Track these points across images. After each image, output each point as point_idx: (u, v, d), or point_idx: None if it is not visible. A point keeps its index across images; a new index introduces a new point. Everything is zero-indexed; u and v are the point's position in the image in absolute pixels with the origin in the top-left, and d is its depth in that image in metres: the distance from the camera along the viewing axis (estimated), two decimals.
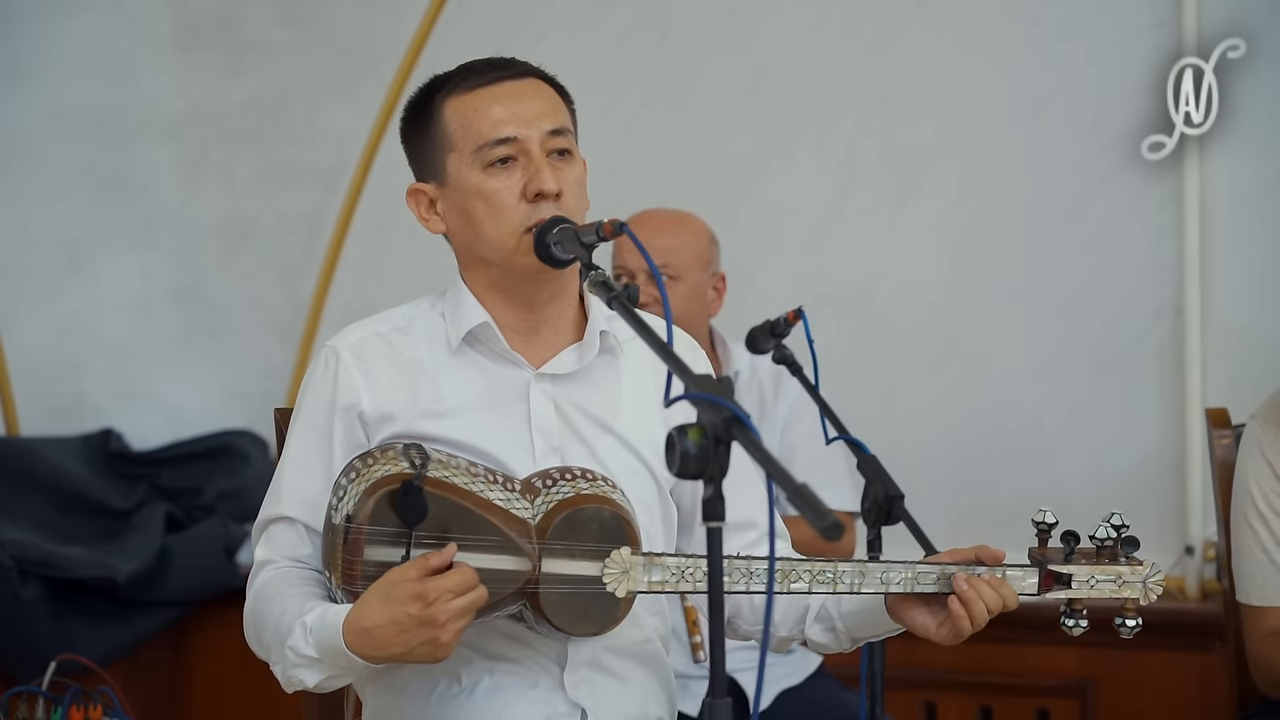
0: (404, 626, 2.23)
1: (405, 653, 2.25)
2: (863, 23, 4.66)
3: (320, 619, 2.31)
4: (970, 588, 2.39)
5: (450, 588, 2.22)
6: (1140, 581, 2.50)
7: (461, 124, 2.49)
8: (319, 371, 2.51)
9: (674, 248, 3.78)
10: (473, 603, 2.24)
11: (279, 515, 2.47)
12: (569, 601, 2.35)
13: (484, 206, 2.47)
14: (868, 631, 2.51)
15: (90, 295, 5.14)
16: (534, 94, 2.51)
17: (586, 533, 2.35)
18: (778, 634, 2.57)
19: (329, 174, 5.17)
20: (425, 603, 2.22)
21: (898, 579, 2.39)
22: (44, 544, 4.62)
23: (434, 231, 2.56)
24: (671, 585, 2.35)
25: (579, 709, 2.48)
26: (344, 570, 2.31)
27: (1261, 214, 4.32)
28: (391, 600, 2.23)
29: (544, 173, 2.45)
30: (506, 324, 2.51)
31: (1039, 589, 2.48)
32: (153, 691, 4.90)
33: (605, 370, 2.54)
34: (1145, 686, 4.26)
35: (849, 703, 3.68)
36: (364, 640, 2.26)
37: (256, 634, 2.43)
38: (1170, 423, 4.34)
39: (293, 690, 2.40)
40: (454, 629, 2.24)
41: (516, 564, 2.33)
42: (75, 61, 5.07)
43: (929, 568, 2.41)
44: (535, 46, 4.82)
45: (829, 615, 2.52)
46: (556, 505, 2.36)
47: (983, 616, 2.40)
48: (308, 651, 2.32)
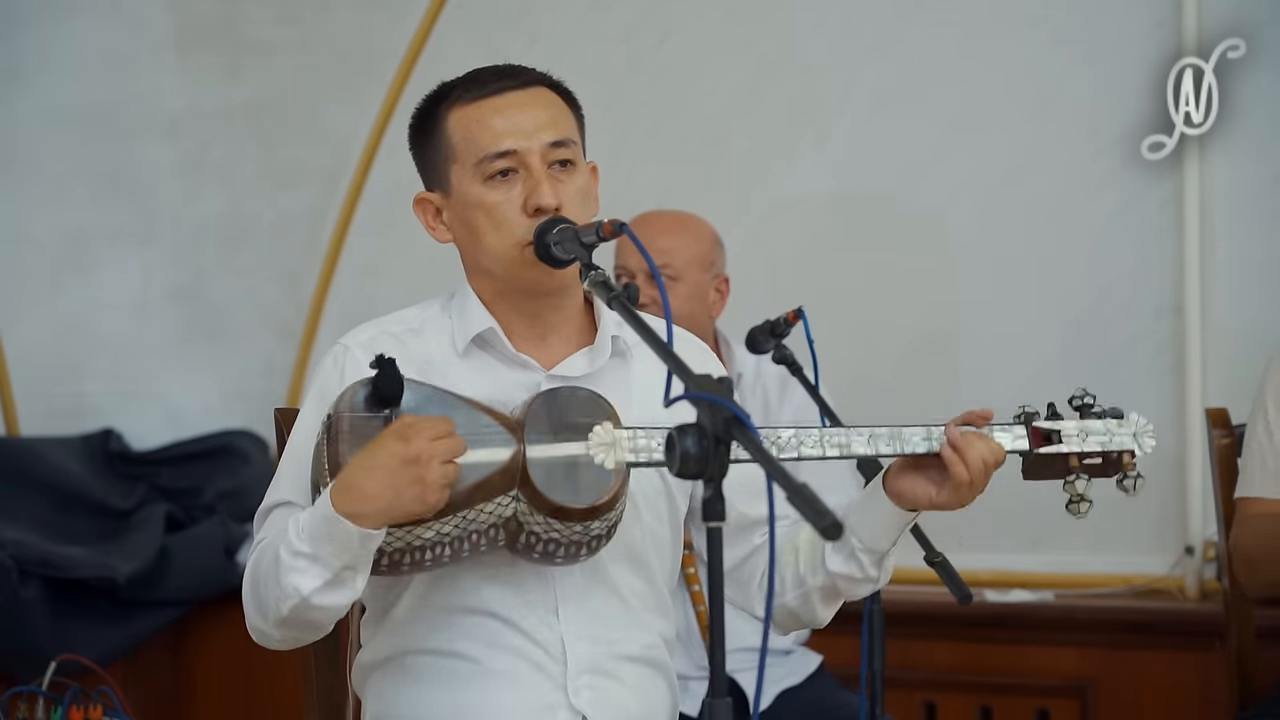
0: (389, 469, 2.23)
1: (394, 499, 2.24)
2: (862, 23, 4.66)
3: (310, 508, 2.32)
4: (961, 436, 2.38)
5: (428, 427, 2.25)
6: (1131, 433, 2.48)
7: (464, 135, 2.50)
8: (329, 366, 2.52)
9: (675, 248, 3.78)
10: (453, 445, 2.25)
11: (280, 500, 2.48)
12: (561, 474, 2.34)
13: (485, 219, 2.48)
14: (881, 534, 2.46)
15: (90, 295, 5.14)
16: (537, 104, 2.52)
17: (567, 412, 2.36)
18: (807, 586, 2.53)
19: (329, 174, 5.17)
20: (406, 441, 2.23)
21: (886, 439, 2.37)
22: (44, 544, 4.62)
23: (441, 241, 2.57)
24: (659, 452, 2.26)
25: (580, 716, 2.47)
26: (330, 464, 2.31)
27: (1261, 214, 4.32)
28: (374, 450, 2.25)
29: (543, 187, 2.46)
30: (514, 331, 2.53)
31: (1029, 446, 2.44)
32: (153, 691, 4.90)
33: (616, 374, 2.55)
34: (1145, 686, 4.26)
35: (849, 703, 3.68)
36: (352, 497, 2.25)
37: (253, 588, 2.39)
38: (1170, 423, 4.34)
39: (288, 608, 2.31)
40: (439, 469, 2.24)
41: (502, 448, 2.34)
42: (75, 62, 5.07)
43: (915, 429, 2.39)
44: (534, 46, 4.84)
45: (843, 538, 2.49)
46: (533, 397, 2.38)
47: (978, 464, 2.38)
48: (301, 547, 2.29)
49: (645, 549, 2.52)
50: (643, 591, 2.54)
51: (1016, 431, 2.45)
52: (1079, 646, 4.32)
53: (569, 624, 2.48)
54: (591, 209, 2.52)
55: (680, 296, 3.76)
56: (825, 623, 2.61)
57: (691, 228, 3.86)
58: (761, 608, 2.58)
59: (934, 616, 4.35)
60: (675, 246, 3.79)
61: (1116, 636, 4.28)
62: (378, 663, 2.54)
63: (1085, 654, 4.33)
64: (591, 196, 2.54)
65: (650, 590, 2.55)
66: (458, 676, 2.47)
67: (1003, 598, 4.39)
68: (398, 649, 2.51)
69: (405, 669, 2.50)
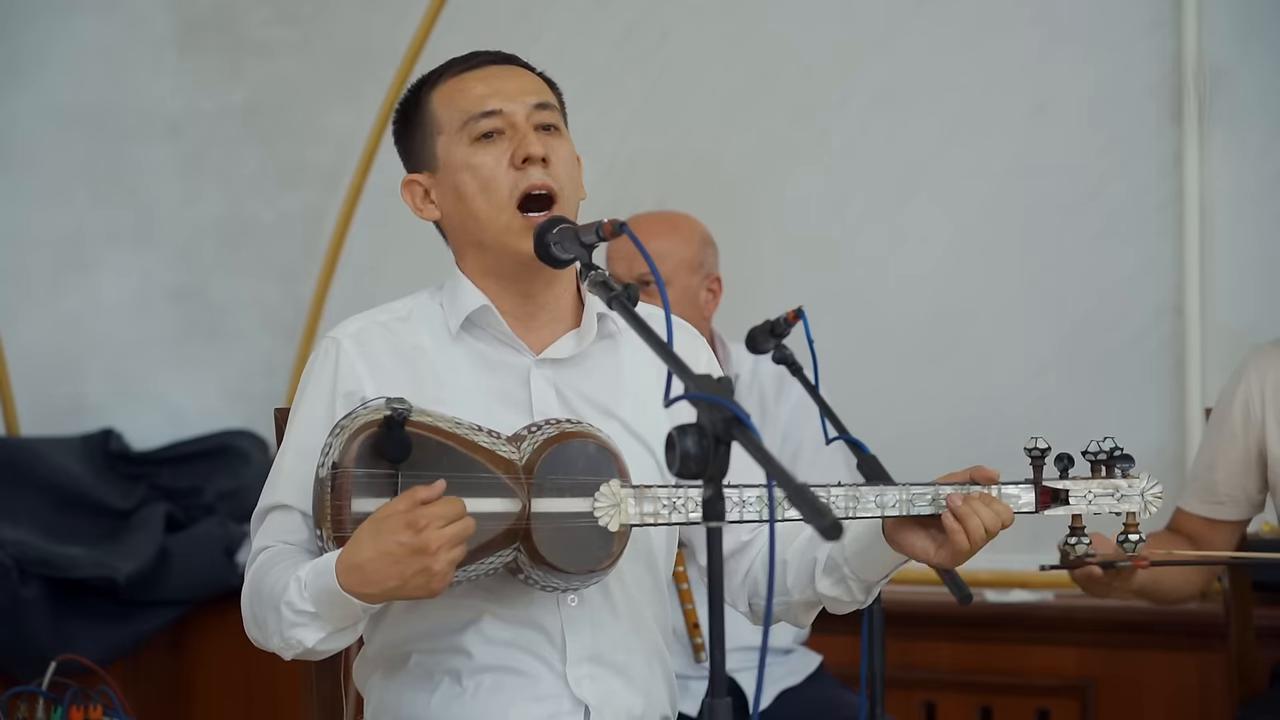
0: (396, 557, 2.23)
1: (399, 585, 2.25)
2: (863, 23, 4.66)
3: (314, 568, 2.32)
4: (965, 504, 2.38)
5: (439, 514, 2.23)
6: (1139, 494, 2.49)
7: (447, 105, 2.52)
8: (320, 360, 2.52)
9: (662, 253, 3.77)
10: (462, 530, 2.24)
11: (276, 503, 2.47)
12: (563, 537, 2.34)
13: (473, 179, 2.48)
14: (874, 569, 2.48)
15: (90, 295, 5.14)
16: (518, 75, 2.55)
17: (574, 468, 2.35)
18: (791, 599, 2.55)
19: (329, 174, 5.17)
20: (415, 530, 2.22)
21: (893, 501, 2.39)
22: (44, 544, 4.62)
23: (428, 219, 2.57)
24: (664, 516, 2.35)
25: (583, 706, 2.47)
26: (333, 518, 2.31)
27: (1261, 214, 4.32)
28: (382, 532, 2.24)
29: (530, 138, 2.48)
30: (504, 309, 2.52)
31: (1036, 506, 2.46)
32: (153, 691, 4.90)
33: (605, 355, 2.55)
34: (1145, 686, 4.26)
35: (849, 703, 3.67)
36: (358, 577, 2.26)
37: (253, 612, 2.41)
38: (1170, 423, 4.34)
39: (292, 655, 2.38)
40: (446, 558, 2.23)
41: (506, 505, 2.34)
42: (75, 61, 5.07)
43: (923, 489, 2.40)
44: (534, 46, 4.82)
45: (835, 564, 2.49)
46: (542, 443, 2.37)
47: (979, 533, 2.38)
48: (304, 606, 2.31)
49: (648, 537, 2.52)
50: (645, 582, 2.54)
51: (1026, 493, 2.46)
52: (1079, 646, 4.32)
53: (570, 615, 2.48)
54: (579, 184, 2.54)
55: (673, 300, 3.76)
56: (804, 627, 2.62)
57: (680, 229, 3.84)
58: (743, 603, 2.60)
59: (934, 616, 4.35)
60: (662, 251, 3.77)
61: (1116, 636, 4.28)
62: (379, 659, 2.54)
63: (1085, 654, 4.32)
64: (579, 175, 2.55)
65: (652, 580, 2.55)
66: (459, 671, 2.47)
67: (1003, 598, 4.39)
68: (399, 645, 2.51)
69: (407, 665, 2.50)
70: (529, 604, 2.46)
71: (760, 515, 2.36)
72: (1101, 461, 2.49)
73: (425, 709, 2.48)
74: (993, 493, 2.42)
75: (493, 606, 2.46)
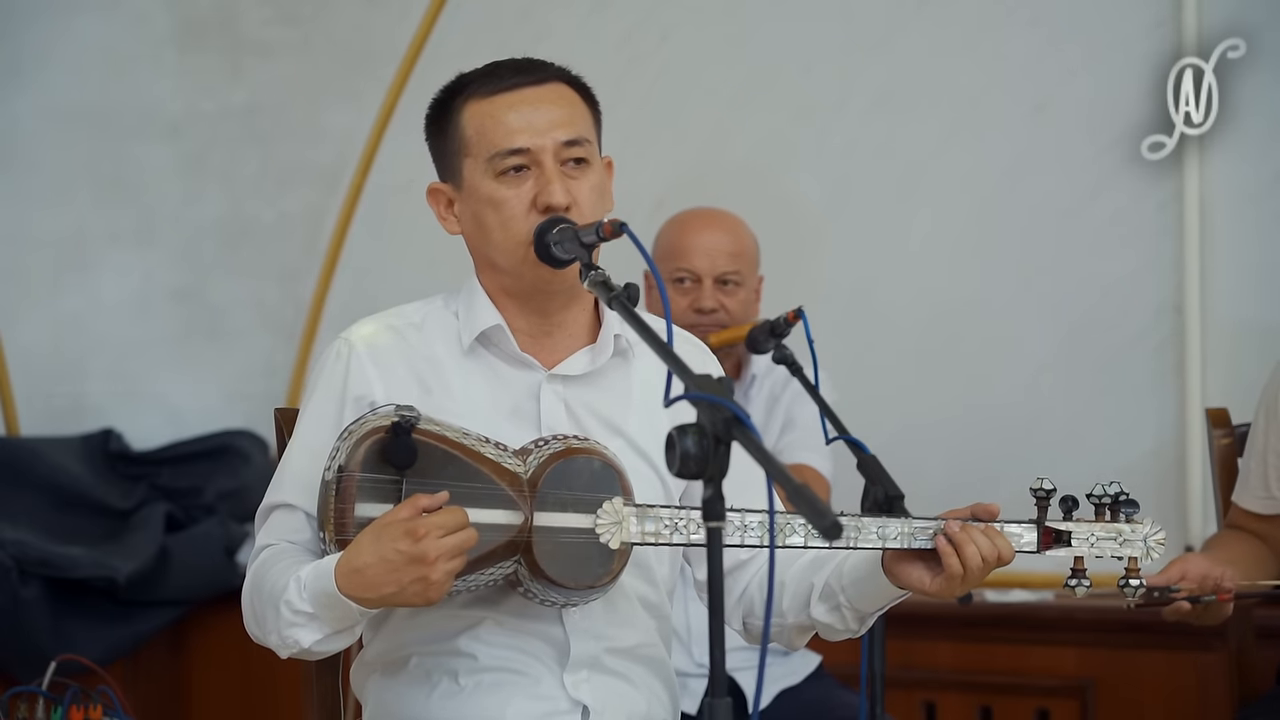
0: (394, 565, 2.24)
1: (397, 592, 2.26)
2: (863, 23, 4.66)
3: (314, 570, 2.33)
4: (961, 531, 2.38)
5: (440, 524, 2.24)
6: (1141, 540, 2.49)
7: (477, 130, 2.49)
8: (331, 361, 2.52)
9: (744, 251, 3.81)
10: (463, 542, 2.25)
11: (280, 502, 2.48)
12: (563, 552, 2.35)
13: (494, 214, 2.48)
14: (870, 600, 2.48)
15: (90, 295, 5.14)
16: (552, 101, 2.51)
17: (578, 483, 2.36)
18: (785, 622, 2.55)
19: (329, 174, 5.17)
20: (415, 539, 2.23)
21: (894, 534, 2.38)
22: (44, 544, 4.62)
23: (451, 232, 2.57)
24: (665, 537, 2.35)
25: (580, 706, 2.48)
26: (336, 521, 2.32)
27: (1261, 214, 4.32)
28: (382, 539, 2.25)
29: (554, 185, 2.45)
30: (519, 327, 2.52)
31: (1038, 547, 2.46)
32: (153, 691, 4.90)
33: (617, 373, 2.55)
34: (1145, 686, 4.26)
35: (849, 703, 3.67)
36: (356, 581, 2.27)
37: (253, 608, 2.42)
38: (1170, 422, 4.34)
39: (288, 654, 2.39)
40: (444, 568, 2.24)
41: (509, 517, 2.34)
42: (75, 61, 5.07)
43: (925, 522, 2.40)
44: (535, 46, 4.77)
45: (832, 591, 2.49)
46: (548, 458, 2.37)
47: (975, 561, 2.38)
48: (303, 607, 2.32)
49: (647, 552, 2.52)
50: (644, 592, 2.54)
51: (1028, 532, 2.47)
52: (1079, 646, 4.32)
53: (574, 623, 2.47)
54: (606, 205, 2.52)
55: (740, 300, 3.78)
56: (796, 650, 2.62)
57: (747, 227, 3.88)
58: (738, 621, 2.60)
59: (934, 616, 4.35)
60: (748, 249, 3.81)
61: (1116, 636, 4.27)
62: (378, 662, 2.54)
63: (1085, 654, 4.32)
64: (606, 193, 2.54)
65: (651, 591, 2.55)
66: (458, 674, 2.47)
67: (1003, 598, 4.39)
68: (398, 648, 2.51)
69: (406, 666, 2.50)
70: (530, 612, 2.46)
71: (761, 540, 2.36)
72: (1105, 505, 2.48)
73: (424, 707, 2.48)
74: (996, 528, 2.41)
75: (495, 614, 2.47)
